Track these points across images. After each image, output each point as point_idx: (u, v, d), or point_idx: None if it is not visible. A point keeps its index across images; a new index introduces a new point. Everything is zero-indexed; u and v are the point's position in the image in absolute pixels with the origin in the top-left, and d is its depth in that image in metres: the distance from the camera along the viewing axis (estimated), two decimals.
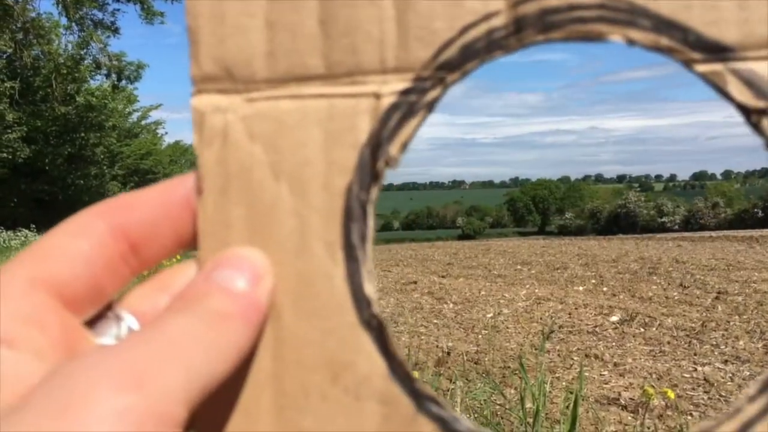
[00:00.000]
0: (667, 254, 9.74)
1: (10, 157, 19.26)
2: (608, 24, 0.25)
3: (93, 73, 22.05)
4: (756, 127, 0.25)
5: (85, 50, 21.10)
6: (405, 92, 0.27)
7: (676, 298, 6.25)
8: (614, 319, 5.49)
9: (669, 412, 3.23)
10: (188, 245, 0.30)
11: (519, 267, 9.59)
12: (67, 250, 0.27)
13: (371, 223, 0.27)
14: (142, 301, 0.30)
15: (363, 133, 0.27)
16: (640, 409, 3.30)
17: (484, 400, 3.25)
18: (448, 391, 3.50)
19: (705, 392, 3.60)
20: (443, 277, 8.83)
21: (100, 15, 19.86)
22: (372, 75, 0.27)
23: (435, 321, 5.79)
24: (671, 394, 2.44)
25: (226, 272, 0.27)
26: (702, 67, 0.25)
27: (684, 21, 0.25)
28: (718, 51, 0.25)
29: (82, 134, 22.05)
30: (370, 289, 0.27)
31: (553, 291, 7.17)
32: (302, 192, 0.28)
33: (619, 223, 41.49)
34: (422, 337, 5.09)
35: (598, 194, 68.67)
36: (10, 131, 19.16)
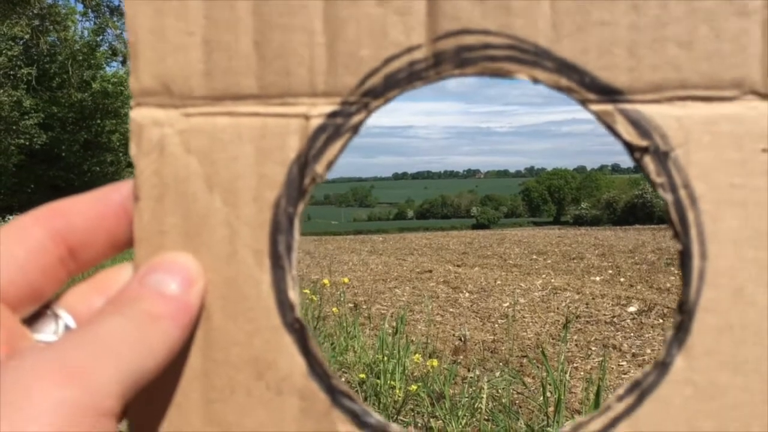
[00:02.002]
0: None
1: (27, 143, 19.30)
2: (516, 63, 0.28)
3: (109, 60, 22.15)
4: (638, 163, 0.28)
5: (101, 37, 21.18)
6: (332, 115, 0.29)
7: None
8: (632, 309, 5.44)
9: None
10: (123, 248, 0.31)
11: (535, 257, 9.54)
12: (7, 256, 0.28)
13: (297, 235, 0.29)
14: (79, 301, 0.31)
15: (292, 151, 0.29)
16: None
17: (503, 388, 3.23)
18: (465, 379, 3.48)
19: None
20: (458, 266, 8.80)
21: (116, 1, 19.92)
22: (302, 97, 0.29)
23: (451, 310, 5.76)
24: None
25: (160, 276, 0.28)
26: (595, 107, 0.28)
27: (582, 65, 0.28)
28: (609, 93, 0.28)
29: (98, 121, 22.07)
30: (293, 295, 0.29)
31: (569, 281, 7.12)
32: (234, 203, 0.30)
33: (635, 214, 41.24)
34: (438, 326, 5.07)
35: (614, 184, 68.32)
36: (27, 117, 19.21)
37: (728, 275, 0.28)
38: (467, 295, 6.50)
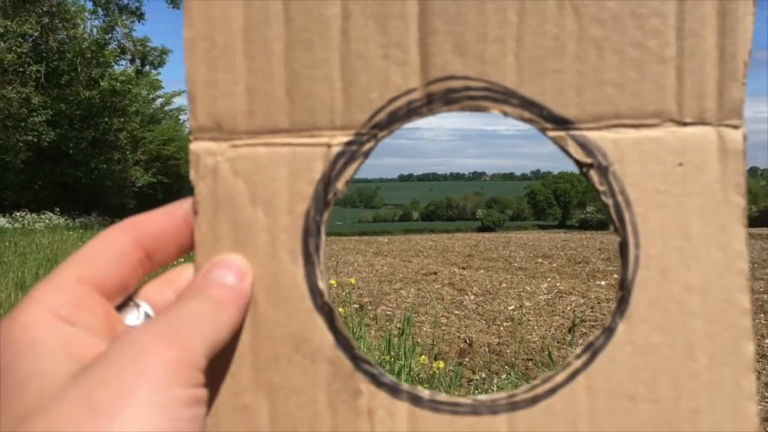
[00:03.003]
0: None
1: (35, 140, 19.19)
2: (490, 101, 0.36)
3: (117, 58, 22.14)
4: (586, 176, 0.36)
5: (109, 35, 21.20)
6: (348, 144, 0.37)
7: None
8: None
9: None
10: (187, 252, 0.39)
11: (540, 260, 9.53)
12: (103, 257, 0.36)
13: (323, 237, 0.37)
14: (154, 293, 0.39)
15: (317, 173, 0.37)
16: None
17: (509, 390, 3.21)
18: (471, 381, 3.47)
19: None
20: (464, 268, 8.79)
21: (125, 0, 19.97)
22: (324, 130, 0.37)
23: (456, 312, 5.76)
24: None
25: (220, 272, 0.37)
26: (552, 133, 0.36)
27: (540, 101, 0.36)
28: (562, 123, 0.36)
29: (106, 119, 21.97)
30: (322, 284, 0.37)
31: (574, 285, 7.11)
32: (273, 214, 0.37)
33: None
34: (443, 328, 5.06)
35: None
36: (35, 114, 19.12)
37: (657, 259, 0.36)
38: (472, 297, 6.50)
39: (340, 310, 4.58)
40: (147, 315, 0.38)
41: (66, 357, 0.32)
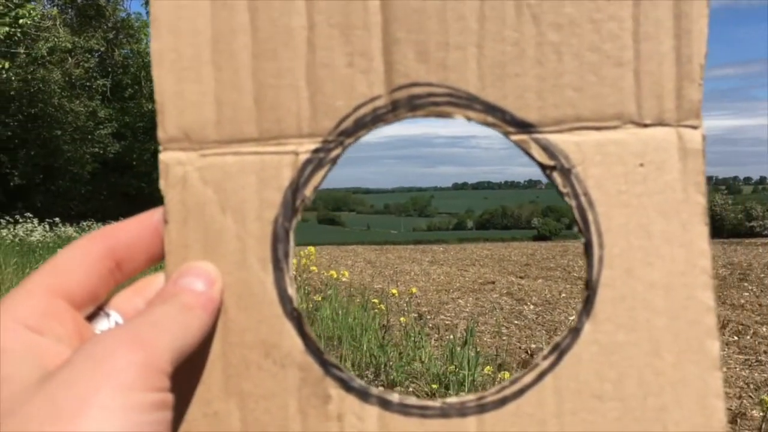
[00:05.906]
0: (758, 260, 9.32)
1: (101, 152, 19.86)
2: (453, 107, 0.37)
3: None
4: (549, 178, 0.37)
5: None
6: (315, 151, 0.37)
7: None
8: None
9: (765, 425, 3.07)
10: (158, 261, 0.39)
11: None
12: (73, 267, 0.37)
13: (292, 243, 0.37)
14: (124, 302, 0.39)
15: (285, 180, 0.37)
16: (738, 420, 3.15)
17: None
18: None
19: None
20: (521, 278, 8.71)
21: None
22: (292, 138, 0.37)
23: (516, 322, 5.71)
24: None
25: (189, 278, 0.37)
26: (514, 137, 0.36)
27: (503, 106, 0.36)
28: (524, 126, 0.36)
29: None
30: (291, 291, 0.37)
31: None
32: (242, 221, 0.38)
33: None
34: (504, 338, 5.03)
35: None
36: (101, 127, 19.80)
37: (621, 259, 0.36)
38: (532, 307, 6.43)
39: (401, 319, 4.61)
40: (117, 324, 0.38)
41: (34, 364, 0.32)
